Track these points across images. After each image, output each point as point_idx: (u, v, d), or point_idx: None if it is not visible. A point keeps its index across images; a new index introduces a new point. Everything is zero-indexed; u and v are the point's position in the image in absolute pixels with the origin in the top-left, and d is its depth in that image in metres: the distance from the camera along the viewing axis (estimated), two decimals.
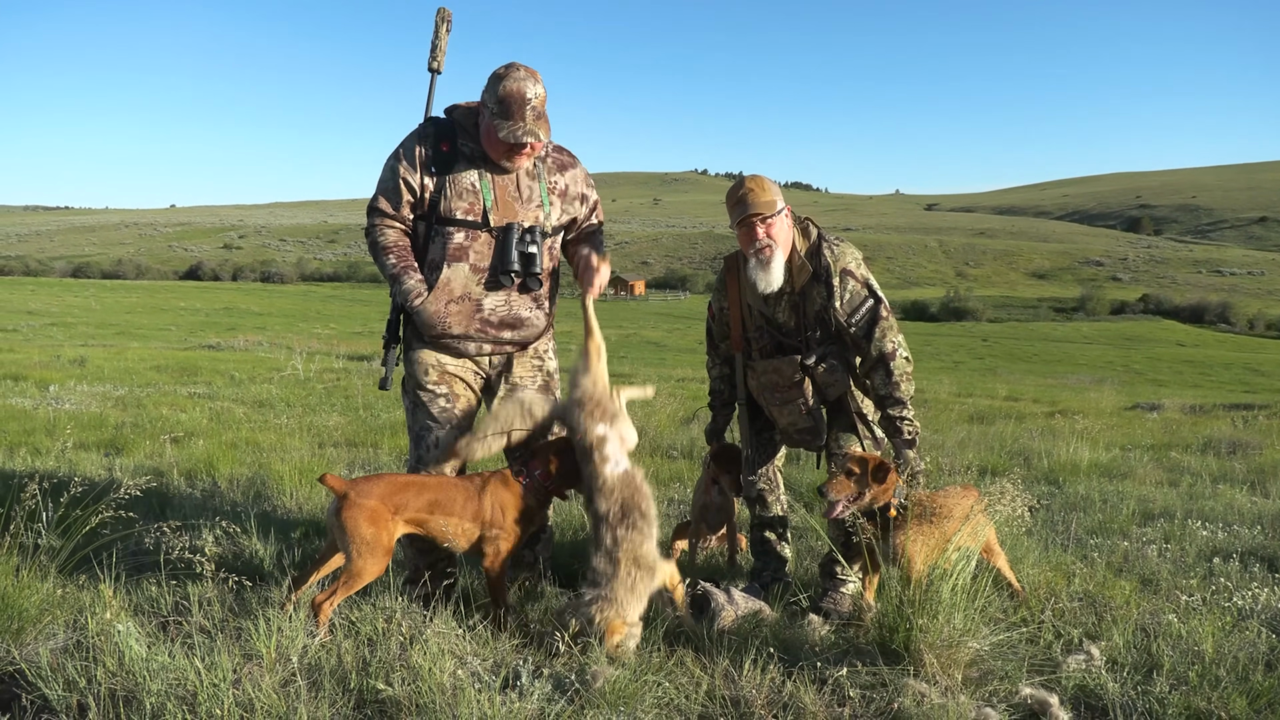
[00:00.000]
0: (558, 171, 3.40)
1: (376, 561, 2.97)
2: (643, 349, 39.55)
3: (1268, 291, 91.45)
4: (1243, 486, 6.28)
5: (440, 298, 3.23)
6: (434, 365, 3.36)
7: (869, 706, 2.67)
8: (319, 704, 2.50)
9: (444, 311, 3.24)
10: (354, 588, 2.98)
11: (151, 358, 17.26)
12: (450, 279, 3.23)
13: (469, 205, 3.21)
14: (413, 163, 3.20)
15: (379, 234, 3.28)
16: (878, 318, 3.46)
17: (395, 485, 3.09)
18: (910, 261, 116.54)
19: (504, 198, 3.25)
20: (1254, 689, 2.73)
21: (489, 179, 3.23)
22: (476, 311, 3.27)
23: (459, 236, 3.22)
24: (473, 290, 3.26)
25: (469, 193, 3.21)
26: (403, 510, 3.06)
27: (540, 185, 3.32)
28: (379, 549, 2.97)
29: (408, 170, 3.20)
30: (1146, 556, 4.24)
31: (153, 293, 67.35)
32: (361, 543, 2.95)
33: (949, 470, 6.39)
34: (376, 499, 3.00)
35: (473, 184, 3.21)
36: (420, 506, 3.09)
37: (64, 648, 2.82)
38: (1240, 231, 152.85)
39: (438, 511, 3.11)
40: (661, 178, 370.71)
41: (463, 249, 3.23)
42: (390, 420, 8.58)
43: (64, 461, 6.10)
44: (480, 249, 3.24)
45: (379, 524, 2.98)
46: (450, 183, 3.20)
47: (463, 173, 3.21)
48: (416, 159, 3.20)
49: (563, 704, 2.51)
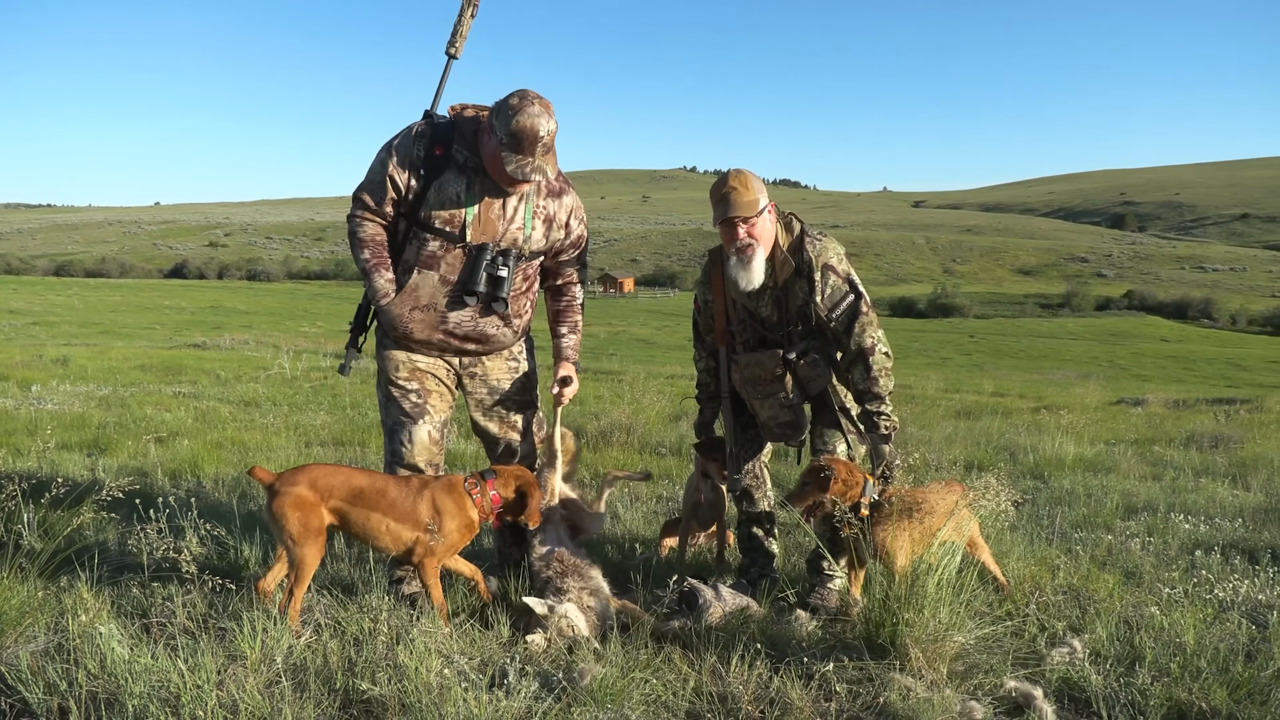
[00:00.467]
0: (549, 196, 3.34)
1: (313, 548, 2.96)
2: (632, 346, 39.55)
3: (1250, 287, 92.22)
4: (1224, 480, 6.34)
5: (406, 302, 3.22)
6: (404, 362, 3.35)
7: (855, 701, 2.68)
8: (304, 704, 2.49)
9: (407, 316, 3.24)
10: (303, 580, 2.97)
11: (136, 357, 17.14)
12: (418, 285, 3.22)
13: (449, 216, 3.17)
14: (403, 161, 3.17)
15: (358, 225, 3.27)
16: (858, 313, 3.47)
17: (324, 471, 3.08)
18: (898, 258, 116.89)
19: (486, 214, 3.20)
20: (1234, 679, 2.75)
21: (476, 191, 3.18)
22: (441, 323, 3.26)
23: (433, 245, 3.19)
24: (439, 301, 3.24)
25: (452, 202, 3.16)
26: (328, 497, 3.02)
27: (526, 207, 3.27)
28: (310, 534, 2.95)
29: (396, 168, 3.17)
30: (1130, 550, 4.28)
31: (137, 291, 66.85)
32: (293, 532, 2.94)
33: (936, 465, 6.42)
34: (304, 485, 2.99)
35: (458, 194, 3.16)
36: (344, 495, 3.04)
37: (44, 650, 2.79)
38: (1223, 228, 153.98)
39: (361, 504, 3.05)
40: (650, 175, 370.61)
41: (435, 258, 3.20)
42: (378, 419, 8.53)
43: (46, 462, 6.05)
44: (452, 262, 3.21)
45: (306, 509, 2.96)
46: (436, 189, 3.16)
47: (451, 181, 3.16)
48: (408, 158, 3.17)
49: (550, 702, 2.51)
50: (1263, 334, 66.71)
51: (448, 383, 3.43)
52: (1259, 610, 3.44)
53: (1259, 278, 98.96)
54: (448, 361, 3.41)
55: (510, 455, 3.55)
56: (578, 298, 3.60)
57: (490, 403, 3.49)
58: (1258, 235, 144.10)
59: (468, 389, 3.48)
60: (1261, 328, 69.91)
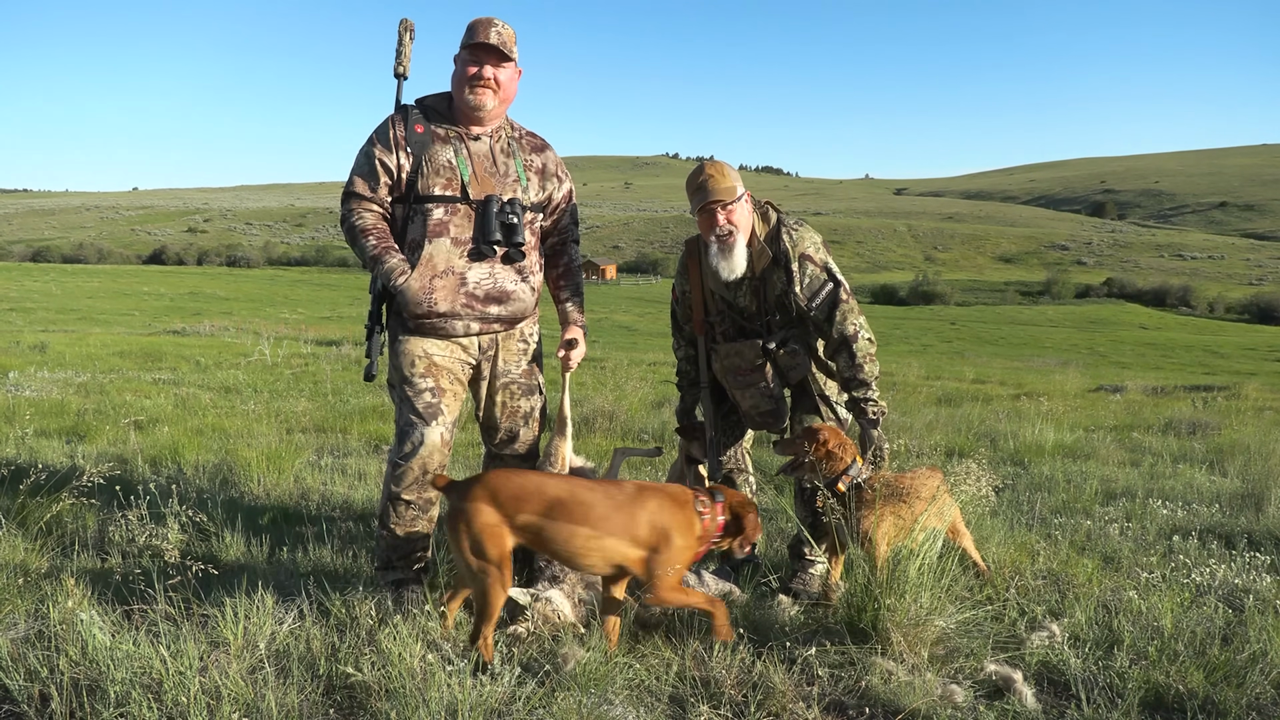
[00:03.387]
0: (533, 151, 3.42)
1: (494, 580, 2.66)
2: (614, 333, 39.52)
3: (1227, 275, 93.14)
4: (1202, 466, 6.42)
5: (424, 274, 3.19)
6: (420, 356, 3.28)
7: (837, 685, 2.70)
8: (287, 690, 2.49)
9: (429, 288, 3.19)
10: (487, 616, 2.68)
11: (114, 343, 16.96)
12: (432, 254, 3.20)
13: (446, 180, 3.21)
14: (388, 145, 3.20)
15: (356, 218, 3.23)
16: (838, 300, 3.47)
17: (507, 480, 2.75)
18: (879, 245, 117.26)
19: (481, 172, 3.26)
20: (1210, 662, 2.80)
21: (465, 155, 3.25)
22: (461, 285, 3.23)
23: (438, 212, 3.20)
24: (456, 263, 3.22)
25: (446, 169, 3.21)
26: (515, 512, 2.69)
27: (516, 162, 3.34)
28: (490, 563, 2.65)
29: (383, 152, 3.19)
30: (1108, 535, 4.33)
31: (115, 277, 66.11)
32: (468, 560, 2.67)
33: (917, 452, 6.46)
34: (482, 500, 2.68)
35: (449, 160, 3.22)
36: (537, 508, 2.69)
37: (25, 637, 2.77)
38: (1201, 216, 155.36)
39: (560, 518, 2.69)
40: (632, 161, 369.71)
41: (442, 224, 3.20)
42: (359, 406, 8.51)
43: (24, 449, 5.98)
44: (460, 222, 3.22)
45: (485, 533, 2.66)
46: (426, 160, 3.20)
47: (439, 151, 3.22)
48: (391, 141, 3.20)
49: (533, 686, 2.52)
50: (1240, 321, 67.45)
51: (461, 379, 3.37)
52: (1235, 594, 3.49)
53: (1237, 266, 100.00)
54: (465, 348, 3.35)
55: (511, 442, 3.52)
56: (576, 259, 3.61)
57: (497, 387, 3.46)
58: (1235, 223, 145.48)
59: (480, 374, 3.44)
60: (1239, 315, 70.68)
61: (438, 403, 3.28)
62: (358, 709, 2.50)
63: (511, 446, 3.52)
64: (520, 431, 3.50)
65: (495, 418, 3.47)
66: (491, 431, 3.52)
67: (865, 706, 2.59)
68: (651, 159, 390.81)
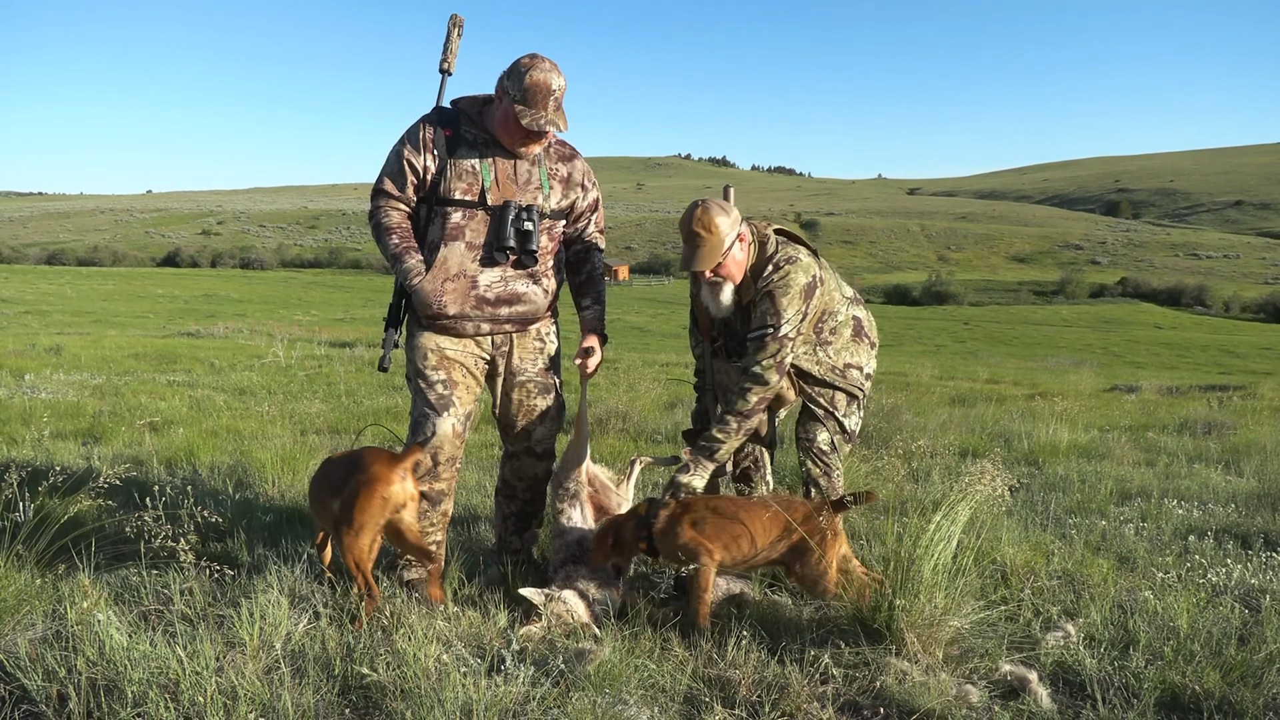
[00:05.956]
0: (560, 160, 3.44)
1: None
2: (627, 334, 39.56)
3: (1243, 274, 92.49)
4: (1217, 466, 6.37)
5: (437, 276, 3.25)
6: (433, 350, 3.34)
7: (852, 685, 2.70)
8: (303, 690, 2.50)
9: (440, 290, 3.25)
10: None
11: (129, 345, 17.08)
12: (446, 257, 3.25)
13: (468, 186, 3.25)
14: (417, 146, 3.25)
15: (383, 215, 3.30)
16: (764, 344, 3.39)
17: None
18: (892, 245, 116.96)
19: (503, 180, 3.29)
20: (1227, 663, 2.78)
21: (490, 163, 3.28)
22: (472, 288, 3.27)
23: (456, 216, 3.25)
24: (468, 267, 3.26)
25: (469, 174, 3.25)
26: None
27: (540, 170, 3.36)
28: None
29: (412, 153, 3.25)
30: (1124, 535, 4.30)
31: (130, 280, 66.61)
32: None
33: (931, 452, 6.43)
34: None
35: (473, 166, 3.26)
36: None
37: (43, 638, 2.79)
38: (1216, 215, 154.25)
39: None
40: (645, 162, 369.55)
41: (459, 228, 3.25)
42: (373, 407, 8.55)
43: (41, 451, 6.03)
44: (476, 227, 3.26)
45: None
46: (451, 165, 3.24)
47: (465, 157, 3.26)
48: (421, 142, 3.25)
49: (548, 686, 2.52)
50: (1256, 321, 66.98)
51: (475, 373, 3.41)
52: (1251, 594, 3.47)
53: (1252, 265, 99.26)
54: (479, 345, 3.40)
55: (527, 439, 3.54)
56: (598, 267, 3.62)
57: (513, 384, 3.48)
58: (1251, 222, 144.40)
59: (495, 370, 3.48)
60: (1255, 314, 70.18)
61: (449, 395, 3.34)
62: (373, 709, 2.51)
63: (528, 444, 3.54)
64: (536, 430, 3.54)
65: (512, 415, 3.50)
66: (508, 429, 3.55)
67: (880, 707, 2.59)
68: (664, 160, 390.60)
